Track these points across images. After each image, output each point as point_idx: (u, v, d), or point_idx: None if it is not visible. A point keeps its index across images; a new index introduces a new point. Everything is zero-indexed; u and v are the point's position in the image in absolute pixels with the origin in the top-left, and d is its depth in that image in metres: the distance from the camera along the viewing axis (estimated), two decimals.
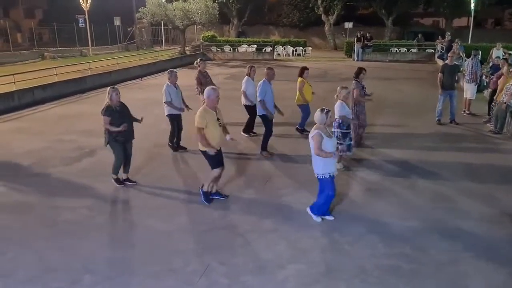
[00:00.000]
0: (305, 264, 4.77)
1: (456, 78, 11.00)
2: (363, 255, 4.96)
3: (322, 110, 5.55)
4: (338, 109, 7.37)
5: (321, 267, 4.74)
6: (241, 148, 9.01)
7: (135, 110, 7.22)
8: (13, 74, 14.12)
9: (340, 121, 7.39)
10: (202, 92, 8.78)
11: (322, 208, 5.77)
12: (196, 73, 10.48)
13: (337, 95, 7.43)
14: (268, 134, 8.57)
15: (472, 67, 11.89)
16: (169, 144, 8.89)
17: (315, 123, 5.55)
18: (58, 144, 9.35)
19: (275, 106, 8.74)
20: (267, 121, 8.51)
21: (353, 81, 8.73)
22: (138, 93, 15.52)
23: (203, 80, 10.26)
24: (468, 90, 12.00)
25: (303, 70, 9.81)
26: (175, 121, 8.70)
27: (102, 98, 14.92)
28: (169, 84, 8.62)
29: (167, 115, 8.72)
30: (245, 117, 9.88)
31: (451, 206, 6.27)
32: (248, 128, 9.90)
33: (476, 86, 12.09)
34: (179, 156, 8.57)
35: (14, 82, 13.89)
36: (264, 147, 8.60)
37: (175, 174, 7.59)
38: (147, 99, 13.99)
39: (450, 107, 10.85)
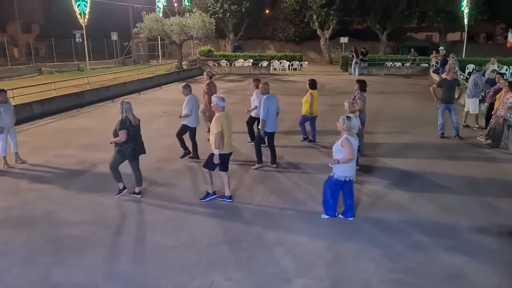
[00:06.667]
0: (311, 279, 4.77)
1: (457, 95, 11.21)
2: (368, 269, 4.97)
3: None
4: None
5: (327, 281, 4.74)
6: (243, 158, 9.06)
7: None
8: (12, 89, 14.12)
9: None
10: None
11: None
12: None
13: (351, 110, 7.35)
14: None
15: (476, 83, 12.07)
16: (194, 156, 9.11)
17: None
18: (58, 159, 9.33)
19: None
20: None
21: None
22: (137, 107, 15.36)
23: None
24: (470, 105, 12.18)
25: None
26: None
27: (100, 112, 15.15)
28: None
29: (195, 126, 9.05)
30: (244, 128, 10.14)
31: (453, 219, 6.31)
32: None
33: (478, 100, 12.25)
34: (183, 170, 8.57)
35: (13, 97, 13.87)
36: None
37: (178, 189, 7.56)
38: (146, 113, 14.01)
39: (451, 122, 10.95)
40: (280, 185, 7.71)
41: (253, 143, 9.92)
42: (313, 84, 10.20)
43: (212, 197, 6.91)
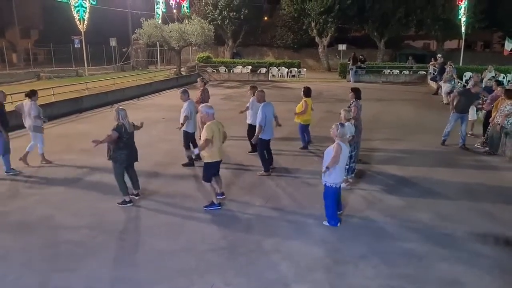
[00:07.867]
0: (310, 284, 4.78)
1: (477, 105, 11.51)
2: (367, 275, 4.98)
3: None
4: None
5: (326, 287, 4.75)
6: (240, 164, 9.08)
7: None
8: (10, 94, 14.10)
9: None
10: None
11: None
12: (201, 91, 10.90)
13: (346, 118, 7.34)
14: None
15: None
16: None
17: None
18: (58, 163, 9.33)
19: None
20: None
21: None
22: (135, 113, 15.53)
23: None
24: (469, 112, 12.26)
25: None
26: None
27: (100, 117, 15.16)
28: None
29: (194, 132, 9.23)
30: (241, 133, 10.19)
31: (451, 225, 6.33)
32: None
33: (475, 107, 12.33)
34: (181, 176, 8.58)
35: (12, 102, 13.86)
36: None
37: (176, 193, 7.57)
38: (145, 119, 13.98)
39: (460, 131, 10.91)
40: (278, 191, 7.73)
41: (254, 153, 9.95)
42: (307, 92, 10.23)
43: (216, 208, 6.84)
